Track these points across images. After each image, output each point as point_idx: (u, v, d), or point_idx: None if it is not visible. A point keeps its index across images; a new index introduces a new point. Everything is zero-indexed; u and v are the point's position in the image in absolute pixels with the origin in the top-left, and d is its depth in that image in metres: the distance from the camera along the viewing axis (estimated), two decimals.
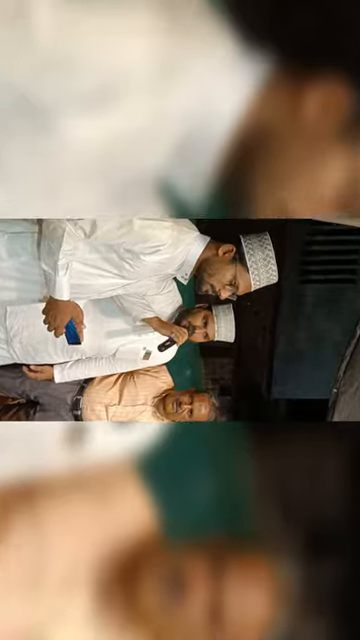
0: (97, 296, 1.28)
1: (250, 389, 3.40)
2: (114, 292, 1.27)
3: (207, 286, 1.29)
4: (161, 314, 1.49)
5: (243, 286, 1.29)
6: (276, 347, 3.01)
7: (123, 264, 1.16)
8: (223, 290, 1.28)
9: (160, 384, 1.63)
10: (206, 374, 3.56)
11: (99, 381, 1.61)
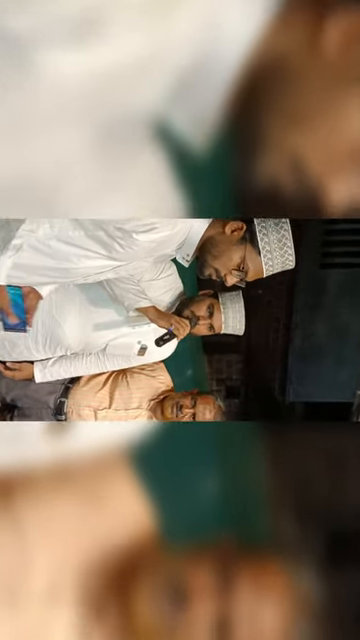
0: (83, 280, 1.24)
1: (261, 391, 3.44)
2: (103, 276, 1.24)
3: (210, 270, 1.27)
4: (158, 303, 1.49)
5: (253, 271, 1.27)
6: (291, 342, 3.04)
7: (113, 244, 1.11)
8: (229, 275, 1.26)
9: (157, 384, 1.64)
10: (210, 374, 3.59)
11: (86, 381, 1.62)
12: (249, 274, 1.28)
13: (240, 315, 1.53)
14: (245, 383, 3.57)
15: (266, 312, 3.26)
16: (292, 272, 3.12)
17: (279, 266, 1.28)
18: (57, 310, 1.51)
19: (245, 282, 1.32)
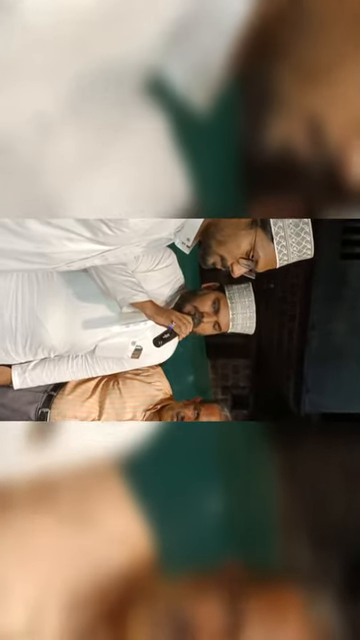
0: (66, 267, 1.23)
1: (273, 400, 3.46)
2: (88, 262, 1.22)
3: (215, 257, 1.26)
4: (156, 297, 1.50)
5: (264, 261, 1.25)
6: (307, 343, 3.04)
7: (99, 225, 1.08)
8: (236, 265, 1.25)
9: (154, 392, 1.66)
10: (214, 380, 3.61)
11: (73, 388, 1.63)
12: (260, 264, 1.26)
13: (250, 311, 1.53)
14: (254, 391, 3.58)
15: (279, 309, 3.27)
16: (309, 263, 3.10)
17: (295, 255, 1.27)
18: (39, 305, 1.51)
19: (255, 273, 1.31)
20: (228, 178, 0.76)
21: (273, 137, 0.71)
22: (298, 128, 0.70)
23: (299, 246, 1.25)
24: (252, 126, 0.71)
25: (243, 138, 0.72)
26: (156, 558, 0.71)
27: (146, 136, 0.72)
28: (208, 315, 1.50)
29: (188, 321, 1.44)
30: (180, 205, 0.77)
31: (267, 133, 0.71)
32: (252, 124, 0.70)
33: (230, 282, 1.57)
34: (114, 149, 0.74)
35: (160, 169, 0.75)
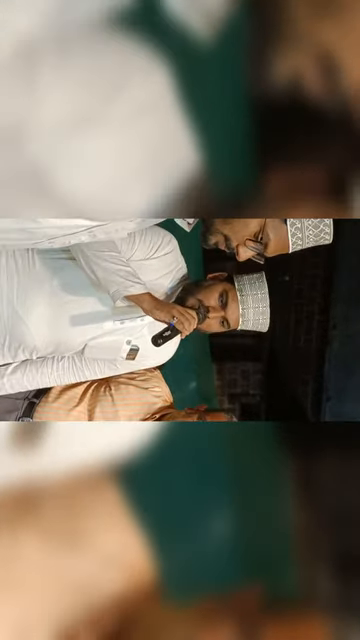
0: (48, 244, 1.22)
1: (288, 410, 3.48)
2: (74, 238, 1.21)
3: (218, 237, 1.25)
4: (155, 289, 1.50)
5: (275, 244, 1.25)
6: (328, 345, 3.06)
7: None
8: (242, 247, 1.25)
9: (152, 399, 1.66)
10: (220, 387, 3.61)
11: (58, 394, 1.64)
12: (269, 247, 1.27)
13: (263, 305, 1.53)
14: (266, 400, 3.59)
15: (295, 305, 3.29)
16: (330, 251, 3.12)
17: (311, 240, 1.27)
18: (19, 299, 1.52)
19: (264, 258, 1.31)
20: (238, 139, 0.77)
21: (281, 72, 0.71)
22: (309, 64, 0.71)
23: (316, 229, 1.25)
24: (259, 60, 0.71)
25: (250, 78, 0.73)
26: (157, 582, 0.72)
27: (146, 90, 0.73)
28: (214, 310, 1.50)
29: (192, 316, 1.43)
30: (186, 171, 0.78)
31: (275, 68, 0.72)
32: (259, 59, 0.71)
33: (239, 271, 1.58)
34: (108, 108, 0.74)
35: (162, 130, 0.75)
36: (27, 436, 0.79)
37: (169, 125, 0.74)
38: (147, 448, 0.77)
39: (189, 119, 0.74)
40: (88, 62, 0.72)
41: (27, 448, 0.78)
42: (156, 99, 0.73)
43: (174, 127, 0.75)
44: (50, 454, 0.78)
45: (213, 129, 0.75)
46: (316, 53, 0.71)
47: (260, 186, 0.78)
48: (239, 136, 0.75)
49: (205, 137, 0.75)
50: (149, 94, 0.73)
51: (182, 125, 0.74)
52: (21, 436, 0.79)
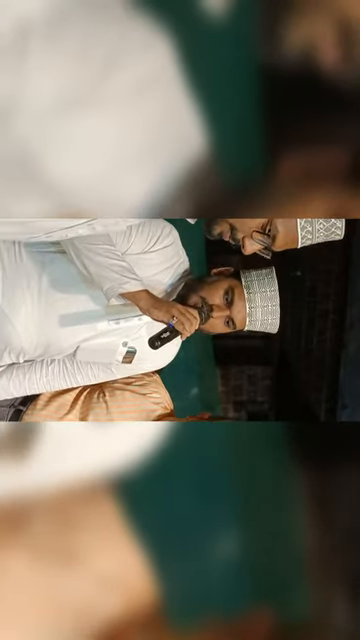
0: (45, 237, 1.24)
1: (299, 418, 3.48)
2: (72, 232, 1.23)
3: (223, 227, 1.28)
4: (154, 285, 1.51)
5: (283, 237, 1.28)
6: (344, 347, 3.06)
7: None
8: (248, 239, 1.27)
9: (150, 406, 1.67)
10: (225, 394, 3.62)
11: (47, 401, 1.65)
12: (277, 241, 1.29)
13: (272, 304, 1.54)
14: (275, 407, 3.60)
15: (307, 303, 3.29)
16: (344, 246, 3.12)
17: (321, 235, 1.30)
18: (5, 296, 1.53)
19: (271, 252, 1.33)
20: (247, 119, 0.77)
21: (296, 39, 0.72)
22: (325, 31, 0.72)
23: (327, 223, 1.28)
24: (270, 33, 0.72)
25: (261, 50, 0.73)
26: (158, 605, 0.73)
27: (146, 65, 0.73)
28: (219, 308, 1.51)
29: (193, 316, 1.44)
30: (190, 156, 0.78)
31: (289, 35, 0.72)
32: (270, 31, 0.72)
33: (246, 266, 1.59)
34: (103, 86, 0.74)
35: (164, 110, 0.76)
36: (16, 445, 0.80)
37: (171, 104, 0.75)
38: (146, 455, 0.78)
39: (193, 97, 0.75)
40: (81, 35, 0.72)
41: (16, 458, 0.79)
42: (157, 75, 0.73)
43: (177, 106, 0.75)
44: (41, 464, 0.79)
45: (220, 108, 0.75)
46: (332, 16, 0.71)
47: (271, 173, 0.78)
48: (248, 116, 0.76)
49: (211, 117, 0.75)
50: (149, 69, 0.73)
51: (186, 104, 0.75)
52: (10, 445, 0.80)
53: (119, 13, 0.71)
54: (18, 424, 1.59)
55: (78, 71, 0.73)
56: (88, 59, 0.73)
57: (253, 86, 0.74)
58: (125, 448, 0.81)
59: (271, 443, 0.85)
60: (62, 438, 0.82)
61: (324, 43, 0.72)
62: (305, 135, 0.77)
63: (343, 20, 0.72)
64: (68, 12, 0.71)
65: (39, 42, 0.72)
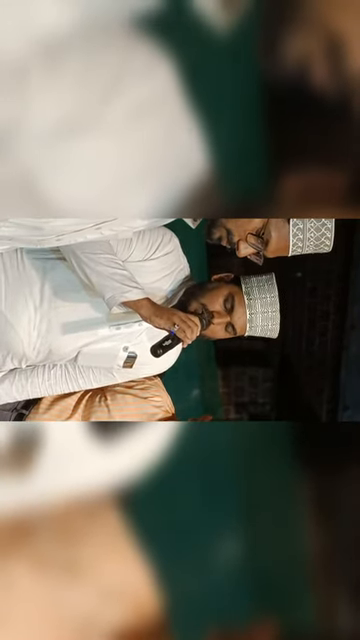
0: (56, 241, 1.26)
1: (301, 420, 3.48)
2: (80, 236, 1.25)
3: (221, 231, 1.32)
4: (154, 292, 1.53)
5: (276, 243, 1.33)
6: (345, 349, 3.05)
7: None
8: (243, 242, 1.32)
9: (152, 409, 1.68)
10: (226, 395, 3.61)
11: (49, 405, 1.66)
12: (270, 246, 1.33)
13: (272, 310, 1.55)
14: (277, 409, 3.59)
15: (308, 305, 3.28)
16: (345, 246, 3.10)
17: (311, 244, 1.34)
18: (7, 302, 1.54)
19: (263, 258, 1.36)
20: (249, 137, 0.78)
21: (290, 52, 0.74)
22: (316, 45, 0.73)
23: (317, 232, 1.32)
24: (270, 54, 0.73)
25: (261, 69, 0.74)
26: (164, 616, 0.74)
27: (149, 89, 0.74)
28: (219, 315, 1.52)
29: (194, 323, 1.45)
30: (192, 175, 0.79)
31: (284, 48, 0.74)
32: (270, 51, 0.73)
33: (246, 270, 1.60)
34: (106, 109, 0.75)
35: (166, 131, 0.76)
36: (19, 457, 0.80)
37: (173, 126, 0.76)
38: (152, 476, 0.78)
39: (195, 119, 0.76)
40: (82, 59, 0.73)
41: (19, 470, 0.80)
42: (158, 98, 0.74)
43: (179, 127, 0.76)
44: (44, 476, 0.80)
45: (221, 129, 0.76)
46: (322, 33, 0.73)
47: (272, 189, 0.79)
48: (249, 136, 0.77)
49: (212, 138, 0.77)
50: (150, 93, 0.74)
51: (188, 124, 0.76)
52: (12, 457, 0.80)
53: (120, 37, 0.72)
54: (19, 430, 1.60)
55: (80, 95, 0.74)
56: (90, 82, 0.73)
57: (254, 107, 0.75)
58: (127, 455, 0.81)
59: (273, 443, 0.86)
60: (64, 449, 0.83)
61: (315, 58, 0.74)
62: (305, 154, 0.78)
63: (330, 34, 0.73)
64: (70, 36, 0.72)
65: (41, 66, 0.73)
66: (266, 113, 0.76)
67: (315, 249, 1.37)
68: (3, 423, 1.50)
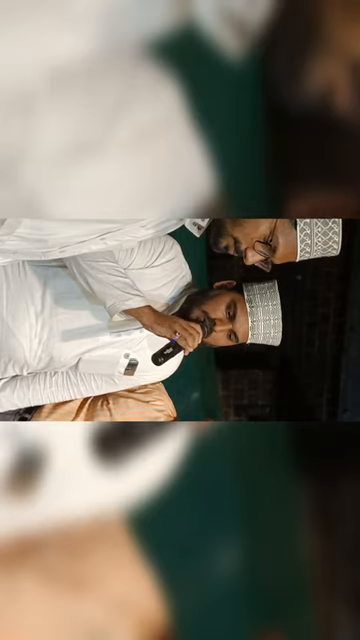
0: (59, 252, 1.27)
1: (301, 420, 3.49)
2: (85, 247, 1.26)
3: (228, 240, 1.32)
4: (156, 300, 1.53)
5: (283, 249, 1.32)
6: (345, 351, 3.05)
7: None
8: (250, 250, 1.32)
9: (154, 414, 1.68)
10: (226, 398, 3.61)
11: (51, 409, 1.67)
12: (278, 253, 1.33)
13: (275, 318, 1.55)
14: (277, 411, 3.59)
15: (309, 307, 3.29)
16: (345, 249, 3.08)
17: (319, 249, 1.34)
18: (9, 310, 1.55)
19: (271, 265, 1.37)
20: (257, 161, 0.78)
21: (310, 79, 0.74)
22: (339, 71, 0.74)
23: (325, 237, 1.33)
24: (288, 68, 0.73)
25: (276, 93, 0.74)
26: (170, 627, 0.75)
27: (156, 111, 0.75)
28: (221, 322, 1.52)
29: (196, 331, 1.45)
30: (201, 201, 0.79)
31: (304, 75, 0.74)
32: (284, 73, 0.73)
33: (247, 278, 1.60)
34: (110, 133, 0.76)
35: (171, 155, 0.77)
36: (25, 475, 0.81)
37: (179, 148, 0.77)
38: (158, 495, 0.79)
39: (201, 141, 0.76)
40: (88, 83, 0.74)
41: (25, 488, 0.81)
42: (164, 121, 0.75)
43: (184, 150, 0.77)
44: (49, 494, 0.80)
45: (227, 150, 0.76)
46: (346, 58, 0.73)
47: (279, 213, 0.80)
48: (255, 158, 0.77)
49: (219, 159, 0.77)
50: (156, 116, 0.75)
51: (194, 148, 0.76)
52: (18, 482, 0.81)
53: (126, 61, 0.73)
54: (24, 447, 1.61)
55: (86, 118, 0.74)
56: (96, 106, 0.74)
57: (259, 131, 0.76)
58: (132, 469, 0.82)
59: (273, 443, 0.87)
60: (67, 470, 0.83)
61: (340, 85, 0.74)
62: (312, 177, 0.79)
63: (356, 60, 0.73)
64: (75, 61, 0.72)
65: (47, 90, 0.73)
66: (271, 136, 0.76)
67: (323, 253, 1.37)
68: (8, 441, 1.52)
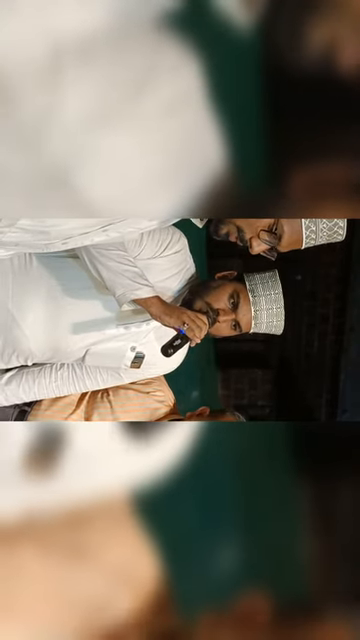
0: (62, 245, 1.27)
1: (300, 420, 3.49)
2: (87, 239, 1.26)
3: (230, 227, 1.33)
4: (162, 291, 1.54)
5: (289, 237, 1.33)
6: (344, 351, 3.06)
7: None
8: (256, 239, 1.32)
9: (154, 404, 1.70)
10: (225, 397, 3.62)
11: (52, 401, 1.68)
12: (283, 241, 1.34)
13: (277, 306, 1.57)
14: (276, 411, 3.60)
15: (308, 308, 3.30)
16: (344, 250, 3.11)
17: (324, 235, 1.35)
18: (14, 300, 1.56)
19: (276, 254, 1.37)
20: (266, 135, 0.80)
21: (313, 38, 0.74)
22: (342, 29, 0.74)
23: (330, 223, 1.34)
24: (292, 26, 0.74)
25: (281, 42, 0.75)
26: (170, 597, 0.76)
27: (175, 88, 0.77)
28: (224, 312, 1.53)
29: (203, 322, 1.46)
30: (211, 172, 0.81)
31: (308, 33, 0.74)
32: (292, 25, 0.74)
33: (247, 269, 1.61)
34: (133, 107, 0.78)
35: (189, 130, 0.79)
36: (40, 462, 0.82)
37: (196, 124, 0.79)
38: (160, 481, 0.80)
39: (217, 118, 0.78)
40: (112, 58, 0.76)
41: (41, 475, 0.81)
42: (184, 96, 0.77)
43: (201, 127, 0.79)
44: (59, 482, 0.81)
45: (241, 127, 0.79)
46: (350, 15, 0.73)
47: (287, 186, 0.82)
48: (268, 133, 0.79)
49: (233, 136, 0.80)
50: (176, 91, 0.77)
51: (210, 125, 0.79)
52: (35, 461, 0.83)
53: (149, 36, 0.75)
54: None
55: (109, 91, 0.77)
56: (118, 80, 0.77)
57: (271, 104, 0.78)
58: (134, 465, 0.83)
59: (272, 443, 0.88)
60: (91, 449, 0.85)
61: (345, 45, 0.74)
62: (322, 149, 0.80)
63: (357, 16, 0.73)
64: (100, 33, 0.75)
65: (72, 62, 0.75)
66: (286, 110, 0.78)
67: (328, 239, 1.37)
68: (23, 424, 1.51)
